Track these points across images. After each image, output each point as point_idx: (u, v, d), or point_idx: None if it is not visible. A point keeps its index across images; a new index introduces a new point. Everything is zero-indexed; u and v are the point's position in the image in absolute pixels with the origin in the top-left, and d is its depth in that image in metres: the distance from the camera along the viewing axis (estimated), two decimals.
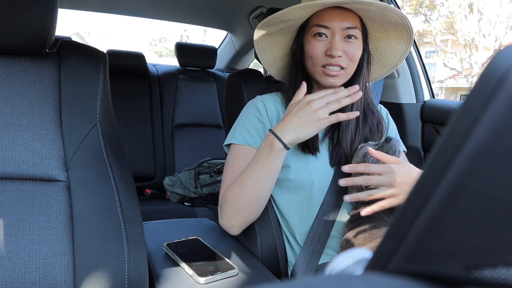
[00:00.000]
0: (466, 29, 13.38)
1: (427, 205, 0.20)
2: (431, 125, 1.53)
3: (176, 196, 1.90)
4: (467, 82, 14.90)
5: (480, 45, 13.38)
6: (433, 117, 1.51)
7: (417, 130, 1.56)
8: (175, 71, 2.29)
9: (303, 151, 0.89)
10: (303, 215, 0.90)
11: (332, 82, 0.86)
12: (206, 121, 2.26)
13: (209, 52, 2.34)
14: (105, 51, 1.33)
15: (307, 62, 0.88)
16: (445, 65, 14.52)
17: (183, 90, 2.25)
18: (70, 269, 0.71)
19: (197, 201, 1.89)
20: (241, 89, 1.09)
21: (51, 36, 0.76)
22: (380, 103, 1.40)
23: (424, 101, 1.58)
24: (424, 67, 1.63)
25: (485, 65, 0.20)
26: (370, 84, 0.95)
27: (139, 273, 0.73)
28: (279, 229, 0.95)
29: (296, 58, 0.91)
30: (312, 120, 0.76)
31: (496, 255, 0.19)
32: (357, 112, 0.79)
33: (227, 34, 2.63)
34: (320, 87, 0.92)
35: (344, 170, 0.79)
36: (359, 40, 0.86)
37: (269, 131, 0.79)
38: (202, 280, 0.73)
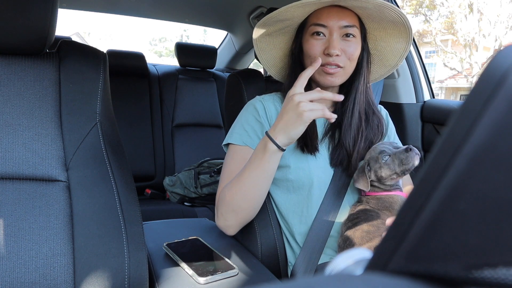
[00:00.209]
0: (466, 29, 13.37)
1: (427, 205, 0.20)
2: (431, 125, 1.53)
3: (176, 196, 1.90)
4: (467, 82, 14.90)
5: (480, 45, 13.37)
6: (433, 117, 1.51)
7: (417, 130, 1.56)
8: (175, 71, 2.29)
9: (303, 151, 0.89)
10: (303, 215, 0.90)
11: (331, 81, 0.86)
12: (206, 121, 2.26)
13: (209, 52, 2.34)
14: (105, 51, 1.33)
15: (306, 62, 0.88)
16: (445, 65, 14.52)
17: (183, 90, 2.25)
18: (70, 269, 0.71)
19: (197, 201, 1.89)
20: (241, 89, 1.09)
21: (51, 36, 0.76)
22: (380, 103, 1.40)
23: (424, 101, 1.58)
24: (424, 67, 1.63)
25: (485, 65, 0.20)
26: (370, 84, 0.95)
27: (139, 273, 0.73)
28: (279, 229, 0.95)
29: (295, 58, 0.91)
30: (296, 115, 0.72)
31: (496, 255, 0.19)
32: (335, 115, 0.74)
33: (227, 34, 2.63)
34: (320, 87, 0.92)
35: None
36: (358, 39, 0.86)
37: (265, 134, 0.78)
38: (202, 280, 0.73)
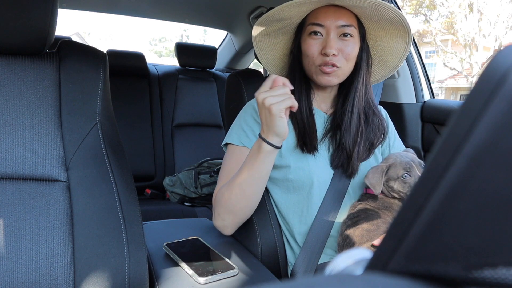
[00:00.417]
0: (466, 29, 13.37)
1: (427, 205, 0.20)
2: (431, 125, 1.53)
3: (176, 196, 1.90)
4: (467, 82, 14.90)
5: (480, 45, 13.37)
6: (433, 117, 1.51)
7: (417, 130, 1.56)
8: (175, 71, 2.29)
9: (302, 151, 0.89)
10: (302, 215, 0.90)
11: (328, 80, 0.86)
12: (206, 121, 2.26)
13: (209, 52, 2.34)
14: (105, 51, 1.33)
15: (304, 62, 0.88)
16: (445, 65, 14.52)
17: (183, 90, 2.25)
18: (70, 269, 0.71)
19: (197, 201, 1.89)
20: (241, 89, 1.09)
21: (51, 36, 0.76)
22: (380, 103, 1.40)
23: (424, 101, 1.58)
24: (424, 67, 1.63)
25: (485, 65, 0.20)
26: (371, 85, 0.95)
27: (139, 273, 0.73)
28: (279, 229, 0.95)
29: (294, 58, 0.91)
30: (268, 112, 0.73)
31: (496, 255, 0.19)
32: (296, 104, 0.74)
33: (227, 34, 2.63)
34: (318, 87, 0.92)
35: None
36: (355, 39, 0.86)
37: (258, 136, 0.78)
38: (202, 280, 0.73)
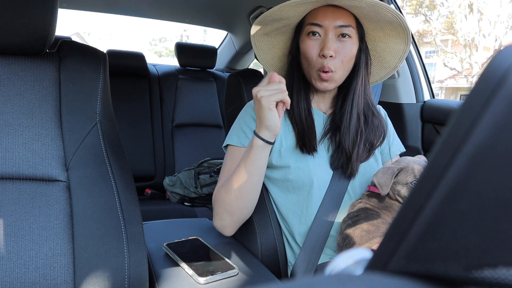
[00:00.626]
0: (466, 29, 13.37)
1: (427, 205, 0.20)
2: (431, 125, 1.53)
3: (176, 196, 1.90)
4: (467, 82, 14.89)
5: (480, 45, 13.37)
6: (433, 117, 1.51)
7: (417, 130, 1.56)
8: (175, 71, 2.29)
9: (302, 151, 0.89)
10: (302, 215, 0.90)
11: (325, 86, 0.86)
12: (206, 121, 2.26)
13: (209, 52, 2.34)
14: (105, 51, 1.33)
15: (303, 64, 0.88)
16: (445, 65, 14.51)
17: (183, 90, 2.25)
18: (70, 269, 0.71)
19: (197, 201, 1.89)
20: (241, 89, 1.09)
21: (51, 36, 0.76)
22: (380, 103, 1.40)
23: (424, 101, 1.58)
24: (424, 67, 1.63)
25: (485, 65, 0.20)
26: (370, 85, 0.95)
27: (139, 273, 0.73)
28: (279, 229, 0.95)
29: (293, 58, 0.91)
30: (260, 106, 0.74)
31: (496, 255, 0.19)
32: (289, 100, 0.75)
33: (227, 34, 2.63)
34: (316, 91, 0.92)
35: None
36: (354, 40, 0.85)
37: (254, 133, 0.80)
38: (202, 280, 0.73)
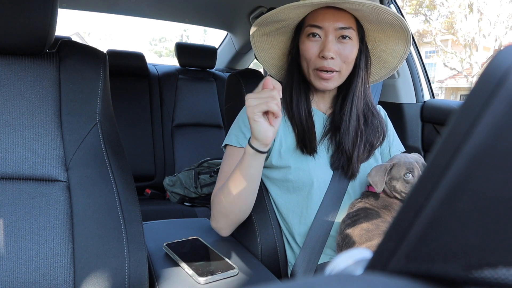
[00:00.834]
0: (466, 29, 13.37)
1: (427, 205, 0.20)
2: (431, 125, 1.53)
3: (176, 196, 1.91)
4: (467, 82, 14.89)
5: (480, 45, 13.37)
6: (433, 117, 1.51)
7: (417, 130, 1.56)
8: (175, 71, 2.29)
9: (302, 152, 0.89)
10: (302, 216, 0.90)
11: (325, 86, 0.86)
12: (206, 121, 2.26)
13: (209, 52, 2.34)
14: (105, 51, 1.33)
15: (302, 63, 0.88)
16: (445, 65, 14.51)
17: (183, 90, 2.25)
18: (70, 269, 0.71)
19: (197, 201, 1.89)
20: (241, 89, 1.09)
21: (51, 36, 0.76)
22: (380, 103, 1.40)
23: (424, 101, 1.58)
24: (424, 67, 1.63)
25: (485, 65, 0.20)
26: (369, 86, 0.95)
27: (139, 273, 0.73)
28: (279, 229, 0.95)
29: (293, 59, 0.91)
30: (249, 116, 0.71)
31: (496, 255, 0.19)
32: (278, 110, 0.70)
33: (227, 34, 2.63)
34: (316, 89, 0.92)
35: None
36: (354, 41, 0.85)
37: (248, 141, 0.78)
38: (202, 280, 0.73)
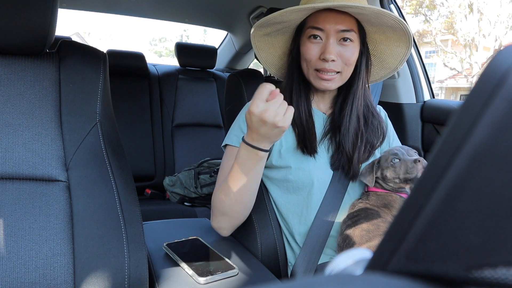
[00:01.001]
0: (466, 29, 13.37)
1: (427, 205, 0.20)
2: (431, 125, 1.53)
3: (176, 196, 1.91)
4: (467, 82, 14.89)
5: (480, 45, 13.37)
6: (433, 117, 1.51)
7: (417, 130, 1.56)
8: (175, 71, 2.29)
9: (303, 152, 0.89)
10: (302, 216, 0.90)
11: (326, 86, 0.86)
12: (206, 121, 2.26)
13: (209, 52, 2.34)
14: (105, 51, 1.33)
15: (303, 64, 0.88)
16: (445, 65, 14.51)
17: (183, 90, 2.25)
18: (70, 269, 0.71)
19: (197, 201, 1.89)
20: (241, 89, 1.09)
21: (51, 36, 0.76)
22: (380, 103, 1.40)
23: (424, 101, 1.58)
24: (424, 67, 1.63)
25: (485, 65, 0.20)
26: (369, 86, 0.95)
27: (139, 273, 0.73)
28: (279, 229, 0.95)
29: (293, 59, 0.91)
30: (271, 125, 0.69)
31: (496, 255, 0.19)
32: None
33: (227, 34, 2.63)
34: (316, 89, 0.92)
35: None
36: (355, 43, 0.85)
37: (246, 144, 0.75)
38: (202, 280, 0.73)
